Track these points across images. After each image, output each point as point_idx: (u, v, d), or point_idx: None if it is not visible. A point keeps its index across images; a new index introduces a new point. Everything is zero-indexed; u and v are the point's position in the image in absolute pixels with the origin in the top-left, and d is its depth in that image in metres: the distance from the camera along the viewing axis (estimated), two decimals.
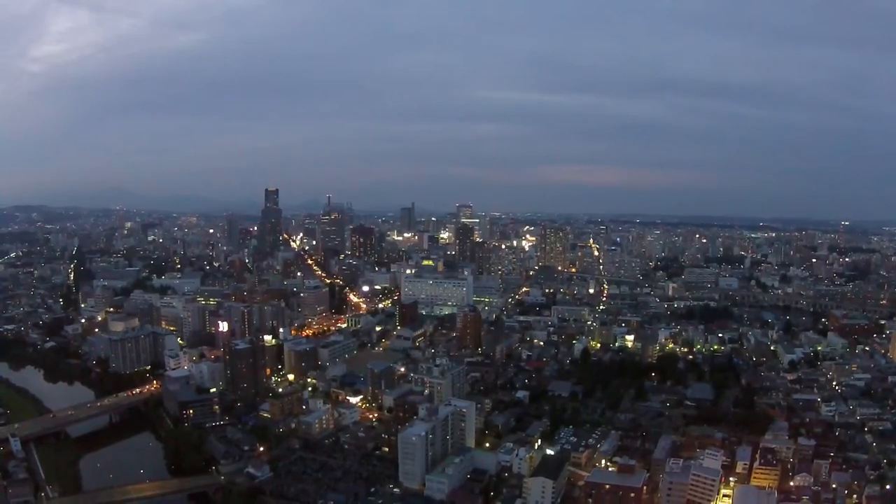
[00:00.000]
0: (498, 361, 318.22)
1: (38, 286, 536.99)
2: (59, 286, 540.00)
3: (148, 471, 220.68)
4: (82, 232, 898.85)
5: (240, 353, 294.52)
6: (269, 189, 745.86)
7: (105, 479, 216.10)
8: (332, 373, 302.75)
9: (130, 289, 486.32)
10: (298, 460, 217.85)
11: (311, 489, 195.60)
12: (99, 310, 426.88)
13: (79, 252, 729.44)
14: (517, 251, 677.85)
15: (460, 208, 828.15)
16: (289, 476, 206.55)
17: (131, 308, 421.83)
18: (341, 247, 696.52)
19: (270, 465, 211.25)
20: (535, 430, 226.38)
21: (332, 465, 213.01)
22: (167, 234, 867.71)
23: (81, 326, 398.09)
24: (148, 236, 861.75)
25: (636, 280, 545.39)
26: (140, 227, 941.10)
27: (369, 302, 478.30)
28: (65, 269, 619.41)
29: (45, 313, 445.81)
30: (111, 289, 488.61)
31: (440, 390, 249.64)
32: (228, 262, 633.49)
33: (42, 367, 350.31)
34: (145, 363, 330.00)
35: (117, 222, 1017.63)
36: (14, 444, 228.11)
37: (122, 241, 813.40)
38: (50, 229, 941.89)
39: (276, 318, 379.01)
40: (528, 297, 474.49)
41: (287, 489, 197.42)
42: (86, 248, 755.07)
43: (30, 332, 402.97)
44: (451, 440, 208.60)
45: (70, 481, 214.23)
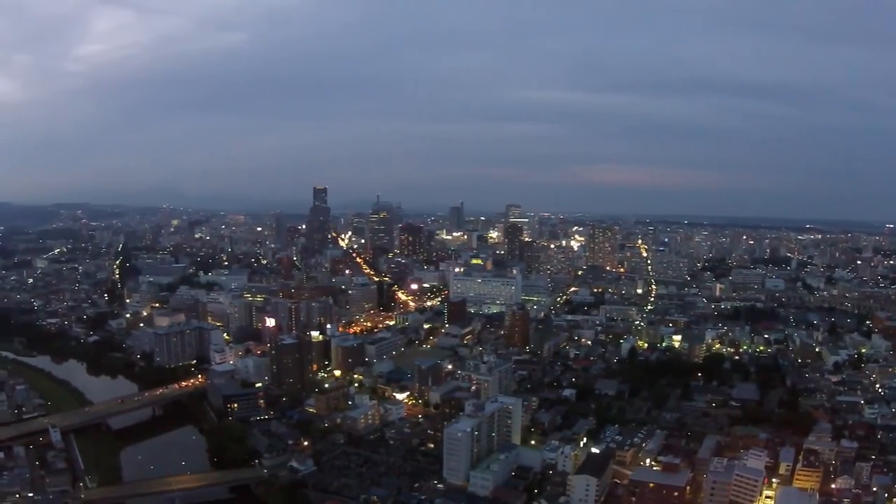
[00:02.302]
0: (545, 360, 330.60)
1: (81, 282, 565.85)
2: (103, 282, 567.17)
3: (190, 463, 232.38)
4: (128, 229, 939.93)
5: (286, 349, 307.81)
6: (317, 187, 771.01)
7: (146, 471, 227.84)
8: (379, 369, 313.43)
9: (176, 285, 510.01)
10: (342, 455, 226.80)
11: (353, 483, 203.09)
12: (144, 305, 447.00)
13: (124, 248, 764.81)
14: (566, 251, 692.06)
15: (509, 208, 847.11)
16: (332, 470, 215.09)
17: (177, 303, 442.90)
18: (390, 245, 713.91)
19: (314, 459, 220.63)
20: (581, 428, 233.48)
21: (375, 460, 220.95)
22: (214, 232, 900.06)
23: (126, 321, 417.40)
24: (195, 234, 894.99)
25: (684, 280, 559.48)
26: (187, 225, 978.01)
27: (418, 300, 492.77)
28: (110, 265, 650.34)
29: (88, 308, 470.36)
30: (157, 285, 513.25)
31: (487, 387, 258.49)
32: (276, 260, 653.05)
33: (85, 361, 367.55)
34: (190, 358, 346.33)
35: (163, 220, 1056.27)
36: (54, 435, 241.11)
37: (168, 238, 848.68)
38: (95, 226, 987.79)
39: (323, 315, 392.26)
40: (577, 297, 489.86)
41: (329, 483, 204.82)
42: (131, 245, 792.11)
43: (73, 326, 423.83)
44: (497, 437, 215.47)
45: (110, 472, 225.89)
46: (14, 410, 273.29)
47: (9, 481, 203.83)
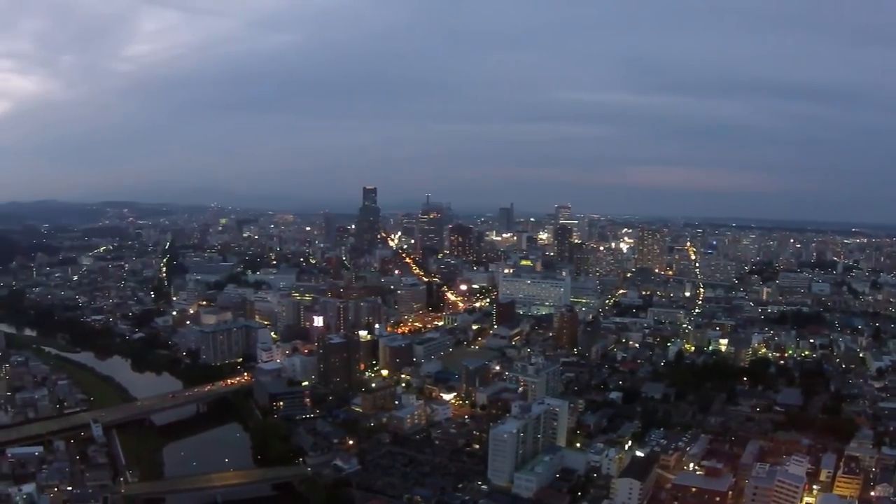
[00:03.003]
0: (593, 362, 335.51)
1: (128, 279, 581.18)
2: (150, 279, 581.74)
3: (233, 460, 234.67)
4: (175, 227, 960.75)
5: (334, 348, 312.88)
6: (367, 187, 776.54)
7: (188, 467, 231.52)
8: (427, 369, 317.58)
9: (224, 283, 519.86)
10: (387, 454, 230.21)
11: (397, 483, 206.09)
12: (191, 303, 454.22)
13: (171, 247, 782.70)
14: (615, 252, 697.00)
15: (559, 209, 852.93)
16: (376, 469, 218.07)
17: (224, 302, 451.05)
18: (440, 246, 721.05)
19: (358, 458, 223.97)
20: (627, 431, 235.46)
21: (420, 460, 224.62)
22: (262, 231, 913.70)
23: (172, 318, 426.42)
24: (243, 233, 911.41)
25: (731, 284, 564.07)
26: (235, 224, 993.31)
27: (467, 300, 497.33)
28: (156, 262, 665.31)
29: (134, 305, 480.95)
30: (204, 283, 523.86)
31: (534, 389, 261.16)
32: (325, 259, 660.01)
33: (129, 358, 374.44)
34: (236, 355, 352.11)
35: (211, 218, 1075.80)
36: (95, 430, 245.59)
37: (216, 236, 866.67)
38: (141, 224, 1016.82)
39: (371, 315, 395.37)
40: (625, 299, 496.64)
41: (374, 482, 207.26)
42: (179, 244, 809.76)
43: (118, 323, 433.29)
44: (543, 439, 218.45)
45: (152, 467, 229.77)
46: (55, 405, 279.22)
47: (48, 475, 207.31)
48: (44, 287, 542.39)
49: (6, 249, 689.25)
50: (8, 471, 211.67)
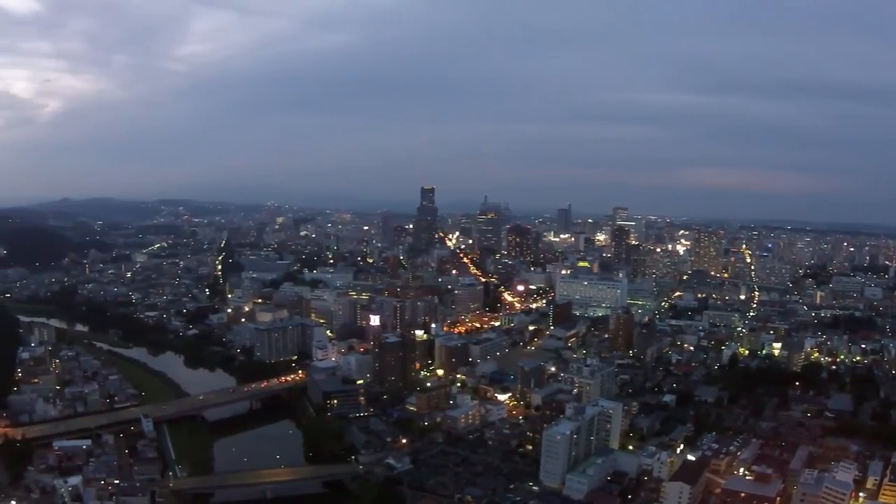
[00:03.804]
0: (648, 364, 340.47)
1: (182, 276, 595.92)
2: (205, 277, 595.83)
3: (284, 457, 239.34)
4: (231, 225, 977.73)
5: (389, 347, 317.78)
6: (425, 187, 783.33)
7: (239, 463, 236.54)
8: (482, 369, 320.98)
9: (280, 281, 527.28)
10: (440, 454, 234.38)
11: (449, 482, 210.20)
12: (246, 300, 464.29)
13: (227, 245, 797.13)
14: (671, 254, 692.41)
15: (616, 210, 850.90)
16: (428, 468, 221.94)
17: (280, 300, 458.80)
18: (497, 246, 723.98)
19: (411, 457, 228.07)
20: (679, 435, 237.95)
21: (473, 460, 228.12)
22: (320, 230, 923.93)
23: (227, 316, 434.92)
24: (300, 231, 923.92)
25: (785, 287, 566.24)
26: (292, 223, 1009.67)
27: (524, 301, 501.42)
28: (212, 260, 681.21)
29: (189, 302, 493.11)
30: (260, 281, 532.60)
31: (588, 390, 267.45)
32: (382, 259, 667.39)
33: (183, 354, 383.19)
34: (291, 353, 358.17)
35: (268, 217, 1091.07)
36: (146, 425, 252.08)
37: (272, 235, 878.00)
38: (197, 222, 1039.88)
39: (428, 314, 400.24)
40: (681, 301, 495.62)
41: (425, 481, 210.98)
42: (235, 242, 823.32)
43: (171, 319, 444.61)
44: (595, 441, 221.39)
45: (201, 463, 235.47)
46: (105, 400, 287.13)
47: (95, 468, 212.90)
48: (96, 283, 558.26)
49: (58, 246, 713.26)
50: (54, 463, 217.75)
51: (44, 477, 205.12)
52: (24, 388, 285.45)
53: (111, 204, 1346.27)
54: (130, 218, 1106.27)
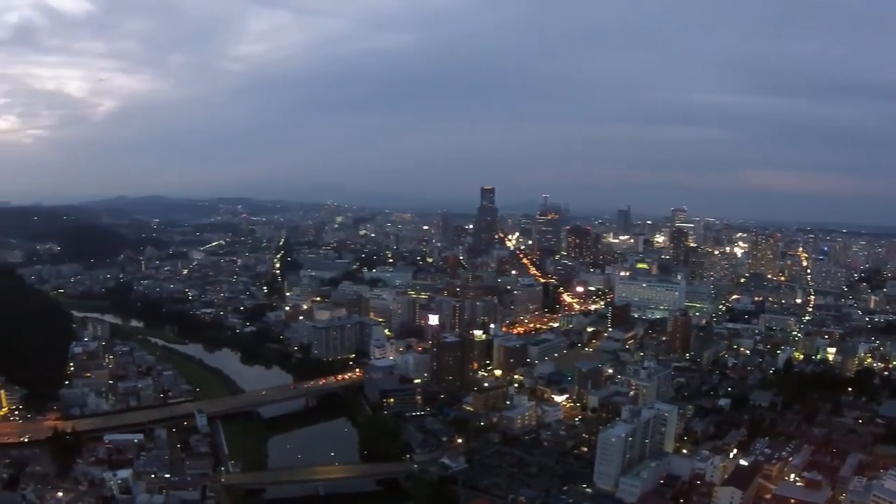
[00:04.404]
0: (704, 367, 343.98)
1: (240, 274, 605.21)
2: (263, 275, 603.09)
3: (339, 454, 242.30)
4: (290, 224, 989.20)
5: (448, 346, 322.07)
6: (485, 187, 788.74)
7: (292, 460, 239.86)
8: (540, 370, 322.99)
9: (339, 280, 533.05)
10: (495, 454, 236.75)
11: (503, 483, 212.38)
12: (304, 298, 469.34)
13: (286, 243, 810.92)
14: (729, 257, 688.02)
15: (675, 212, 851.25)
16: (483, 468, 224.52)
17: (339, 298, 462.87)
18: (557, 247, 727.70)
19: (466, 456, 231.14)
20: (733, 439, 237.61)
21: (528, 460, 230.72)
22: (379, 229, 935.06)
23: (284, 313, 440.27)
24: (359, 230, 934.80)
25: (840, 291, 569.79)
26: (351, 222, 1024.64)
27: (582, 302, 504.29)
28: (270, 258, 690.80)
29: (246, 300, 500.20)
30: (318, 279, 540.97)
31: (645, 393, 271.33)
32: (442, 258, 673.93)
33: (239, 351, 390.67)
34: (349, 352, 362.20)
35: (327, 216, 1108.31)
36: (199, 420, 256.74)
37: (332, 234, 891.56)
38: (255, 221, 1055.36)
39: (487, 314, 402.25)
40: (738, 304, 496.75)
41: (479, 481, 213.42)
42: (293, 240, 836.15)
43: (228, 316, 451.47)
44: (650, 444, 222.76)
45: (255, 459, 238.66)
46: (159, 395, 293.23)
47: (146, 462, 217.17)
48: (152, 280, 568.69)
49: (113, 243, 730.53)
50: (104, 456, 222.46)
51: (93, 469, 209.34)
52: (75, 382, 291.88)
53: (167, 202, 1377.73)
54: (187, 216, 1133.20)
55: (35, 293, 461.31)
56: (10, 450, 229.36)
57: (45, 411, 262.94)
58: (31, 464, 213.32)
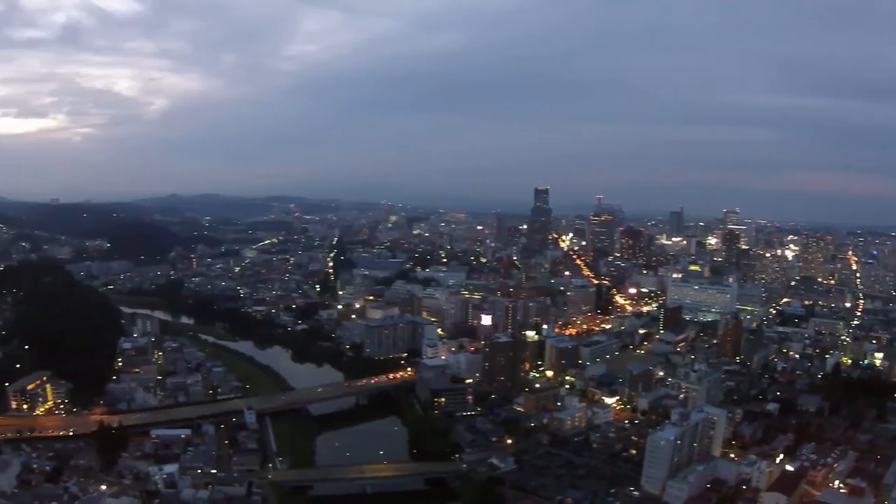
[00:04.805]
0: (754, 371, 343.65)
1: (292, 272, 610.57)
2: (315, 273, 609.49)
3: (388, 453, 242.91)
4: (343, 223, 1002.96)
5: (500, 347, 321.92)
6: (538, 188, 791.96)
7: (341, 457, 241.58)
8: (591, 372, 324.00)
9: (392, 279, 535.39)
10: (544, 455, 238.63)
11: (551, 484, 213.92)
12: (357, 297, 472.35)
13: (340, 242, 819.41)
14: (780, 260, 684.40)
15: (727, 214, 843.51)
16: (531, 469, 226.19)
17: (392, 297, 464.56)
18: (610, 248, 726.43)
19: (515, 457, 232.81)
20: (779, 444, 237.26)
21: (577, 462, 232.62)
22: (433, 229, 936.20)
23: (337, 312, 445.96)
24: (413, 230, 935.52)
25: (889, 295, 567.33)
26: (405, 221, 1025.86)
27: (635, 304, 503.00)
28: (323, 257, 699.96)
29: (298, 298, 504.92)
30: (372, 278, 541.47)
31: (694, 396, 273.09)
32: (496, 259, 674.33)
33: (290, 348, 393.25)
34: (401, 350, 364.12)
35: (381, 215, 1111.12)
36: (248, 416, 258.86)
37: (385, 233, 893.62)
38: (309, 220, 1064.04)
39: (540, 315, 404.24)
40: (788, 308, 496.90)
41: (527, 482, 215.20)
42: (347, 239, 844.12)
43: (281, 314, 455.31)
44: (698, 447, 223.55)
45: (303, 456, 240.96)
46: (208, 391, 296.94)
47: (192, 457, 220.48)
48: (204, 277, 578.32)
49: (164, 240, 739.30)
50: (150, 451, 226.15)
51: (138, 464, 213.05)
52: (123, 377, 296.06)
53: (219, 200, 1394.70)
54: (239, 214, 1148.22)
55: (84, 289, 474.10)
56: (55, 443, 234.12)
57: (91, 406, 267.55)
58: (74, 457, 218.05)
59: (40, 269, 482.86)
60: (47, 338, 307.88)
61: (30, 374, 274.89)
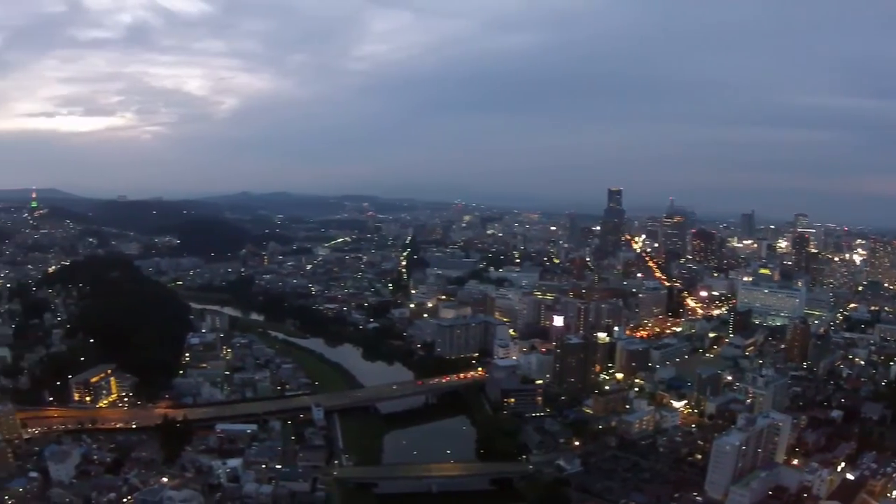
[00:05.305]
0: (819, 377, 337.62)
1: (365, 271, 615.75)
2: (388, 272, 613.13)
3: (455, 452, 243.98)
4: (417, 222, 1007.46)
5: (571, 348, 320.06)
6: (612, 189, 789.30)
7: (408, 456, 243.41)
8: (661, 375, 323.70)
9: (465, 279, 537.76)
10: (611, 458, 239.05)
11: (616, 487, 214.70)
12: (430, 296, 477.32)
13: (413, 241, 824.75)
14: (848, 264, 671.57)
15: (797, 217, 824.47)
16: (598, 472, 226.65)
17: (464, 297, 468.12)
18: (682, 250, 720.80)
19: (582, 459, 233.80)
20: (842, 452, 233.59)
21: (642, 465, 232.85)
22: (507, 229, 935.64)
23: (409, 311, 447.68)
24: (487, 230, 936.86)
25: None
26: (479, 221, 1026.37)
27: (706, 307, 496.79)
28: (396, 256, 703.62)
29: (371, 296, 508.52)
30: (444, 277, 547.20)
31: (761, 401, 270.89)
32: (569, 260, 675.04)
33: (361, 346, 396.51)
34: (472, 350, 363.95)
35: (455, 215, 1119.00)
36: (316, 413, 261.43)
37: (459, 233, 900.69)
38: (382, 219, 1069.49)
39: (612, 317, 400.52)
40: (855, 313, 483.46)
41: (593, 484, 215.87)
42: (420, 238, 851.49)
43: (352, 312, 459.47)
44: (762, 453, 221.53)
45: (369, 453, 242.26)
46: (276, 387, 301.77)
47: (257, 452, 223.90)
48: (275, 274, 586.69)
49: (235, 237, 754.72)
50: (214, 445, 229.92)
51: (201, 458, 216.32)
52: (190, 372, 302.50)
53: (292, 198, 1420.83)
54: (311, 212, 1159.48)
55: (152, 284, 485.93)
56: (117, 435, 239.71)
57: (156, 400, 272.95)
58: (136, 449, 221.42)
59: (107, 265, 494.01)
60: (113, 332, 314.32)
61: (94, 367, 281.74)
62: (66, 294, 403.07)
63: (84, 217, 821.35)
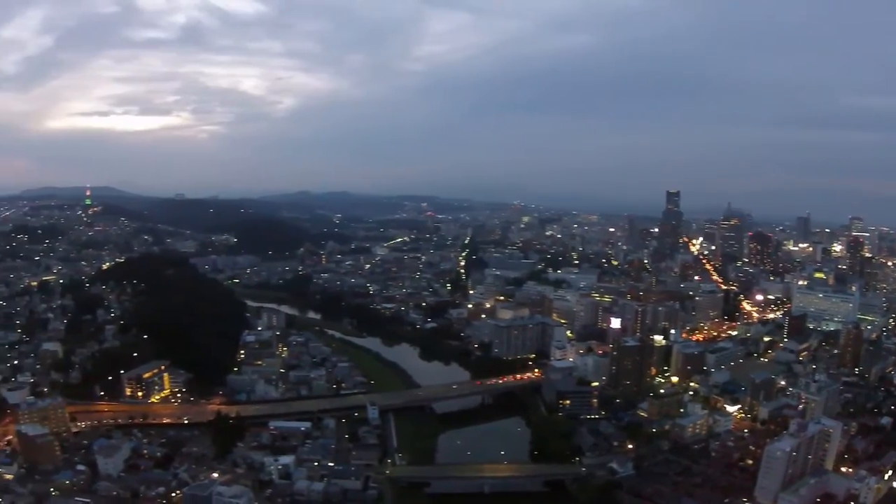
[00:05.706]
0: (871, 383, 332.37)
1: (423, 271, 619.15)
2: (446, 272, 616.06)
3: (509, 453, 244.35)
4: (476, 223, 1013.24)
5: (628, 351, 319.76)
6: (670, 191, 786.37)
7: (461, 456, 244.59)
8: (715, 379, 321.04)
9: (523, 280, 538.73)
10: (663, 461, 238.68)
11: (667, 491, 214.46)
12: (488, 297, 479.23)
13: (472, 241, 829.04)
14: None
15: (852, 220, 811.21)
16: (650, 475, 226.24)
17: (522, 298, 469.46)
18: (739, 253, 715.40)
19: (634, 462, 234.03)
20: (889, 460, 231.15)
21: (694, 470, 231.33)
22: (565, 231, 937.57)
23: (467, 311, 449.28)
24: (545, 231, 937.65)
25: None
26: (538, 222, 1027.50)
27: (761, 311, 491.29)
28: (455, 256, 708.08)
29: (429, 296, 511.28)
30: (503, 278, 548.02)
31: (813, 407, 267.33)
32: (627, 261, 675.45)
33: (418, 346, 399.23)
34: (529, 351, 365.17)
35: (513, 216, 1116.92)
36: (371, 412, 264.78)
37: (518, 233, 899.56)
38: (441, 219, 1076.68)
39: (669, 320, 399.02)
40: None
41: (644, 488, 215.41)
42: (479, 239, 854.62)
43: (410, 312, 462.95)
44: (812, 460, 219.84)
45: (423, 453, 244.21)
46: (332, 385, 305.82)
47: (310, 450, 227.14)
48: (333, 273, 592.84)
49: (292, 236, 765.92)
50: (267, 442, 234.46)
51: (253, 454, 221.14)
52: (245, 369, 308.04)
53: (350, 198, 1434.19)
54: (370, 212, 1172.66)
55: (209, 282, 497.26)
56: (168, 430, 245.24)
57: (210, 396, 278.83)
58: (187, 445, 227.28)
59: (162, 262, 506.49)
60: (167, 329, 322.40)
61: (147, 363, 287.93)
62: (120, 291, 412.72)
63: (139, 215, 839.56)
